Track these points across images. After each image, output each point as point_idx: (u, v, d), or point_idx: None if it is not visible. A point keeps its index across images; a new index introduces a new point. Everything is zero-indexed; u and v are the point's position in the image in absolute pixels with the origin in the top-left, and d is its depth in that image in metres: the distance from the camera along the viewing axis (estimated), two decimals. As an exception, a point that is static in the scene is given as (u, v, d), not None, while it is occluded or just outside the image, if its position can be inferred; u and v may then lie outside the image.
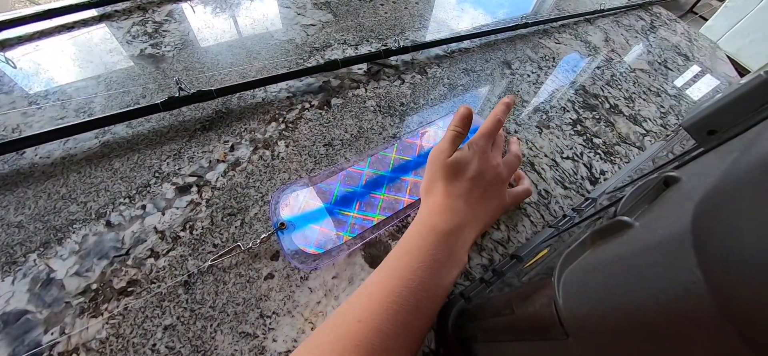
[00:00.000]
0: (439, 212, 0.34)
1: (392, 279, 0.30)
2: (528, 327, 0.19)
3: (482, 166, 0.37)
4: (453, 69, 0.57)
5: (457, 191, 0.35)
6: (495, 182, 0.37)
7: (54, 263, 0.33)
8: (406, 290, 0.29)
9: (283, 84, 0.49)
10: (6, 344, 0.29)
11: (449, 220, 0.33)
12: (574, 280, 0.15)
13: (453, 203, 0.35)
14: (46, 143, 0.40)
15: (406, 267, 0.30)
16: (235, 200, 0.38)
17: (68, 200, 0.37)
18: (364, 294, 0.30)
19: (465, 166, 0.36)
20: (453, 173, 0.36)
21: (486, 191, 0.36)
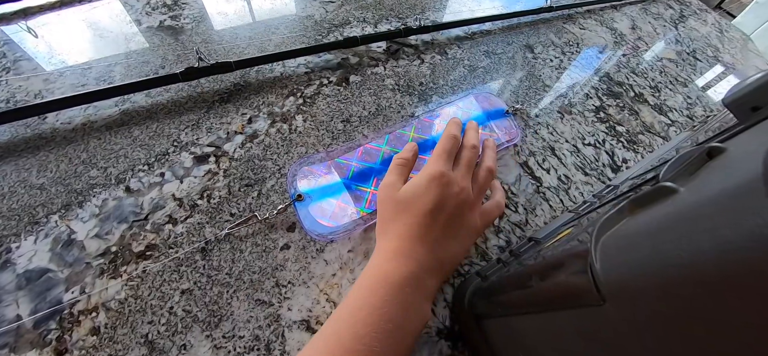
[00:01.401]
0: (391, 258, 0.28)
1: (336, 349, 0.24)
2: (555, 296, 0.19)
3: (441, 194, 0.30)
4: (473, 51, 0.56)
5: (411, 231, 0.29)
6: (460, 210, 0.30)
7: (75, 225, 0.34)
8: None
9: (302, 59, 0.48)
10: (29, 300, 0.30)
11: (404, 268, 0.27)
12: (614, 245, 0.14)
13: (408, 247, 0.28)
14: (67, 109, 0.40)
15: (350, 334, 0.24)
16: (253, 172, 0.38)
17: (89, 165, 0.37)
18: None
19: (419, 199, 0.30)
20: (405, 209, 0.30)
21: (449, 224, 0.30)
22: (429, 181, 0.30)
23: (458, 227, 0.30)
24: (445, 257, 0.30)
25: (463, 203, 0.31)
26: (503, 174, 0.43)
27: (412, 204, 0.30)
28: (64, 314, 0.30)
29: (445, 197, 0.30)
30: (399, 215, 0.30)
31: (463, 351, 0.33)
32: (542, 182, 0.44)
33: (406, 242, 0.29)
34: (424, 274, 0.28)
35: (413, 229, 0.29)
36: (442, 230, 0.29)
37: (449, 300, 0.34)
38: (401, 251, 0.28)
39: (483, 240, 0.38)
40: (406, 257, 0.28)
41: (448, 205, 0.30)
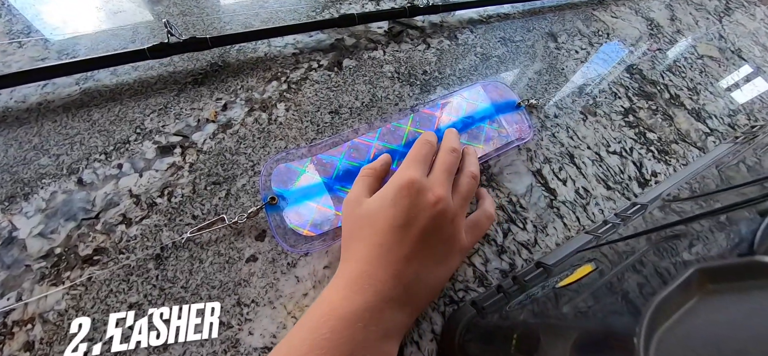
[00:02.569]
0: (343, 286, 0.24)
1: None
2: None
3: (411, 205, 0.25)
4: (488, 37, 0.50)
5: (372, 252, 0.24)
6: (437, 223, 0.26)
7: (18, 220, 0.30)
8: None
9: (290, 38, 0.44)
10: (-42, 305, 0.27)
11: (357, 299, 0.23)
12: (680, 346, 0.10)
13: (366, 272, 0.24)
14: (22, 85, 0.37)
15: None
16: (223, 167, 0.34)
17: (40, 151, 0.34)
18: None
19: (383, 212, 0.25)
20: (367, 225, 0.26)
21: (423, 241, 0.25)
22: (396, 190, 0.26)
23: (436, 245, 0.26)
24: (418, 283, 0.25)
25: (440, 214, 0.26)
26: (512, 183, 0.39)
27: (376, 219, 0.25)
28: (-4, 323, 0.27)
29: (417, 209, 0.25)
30: (360, 233, 0.26)
31: (450, 392, 0.29)
32: (557, 195, 0.39)
33: (365, 266, 0.24)
34: (385, 305, 0.23)
35: (374, 250, 0.25)
36: (413, 250, 0.25)
37: (438, 332, 0.30)
38: (357, 278, 0.24)
39: (483, 262, 0.34)
40: (363, 285, 0.23)
41: (420, 218, 0.25)
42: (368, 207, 0.27)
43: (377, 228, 0.25)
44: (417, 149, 0.29)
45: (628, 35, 0.59)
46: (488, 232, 0.35)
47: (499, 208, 0.37)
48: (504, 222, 0.36)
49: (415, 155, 0.29)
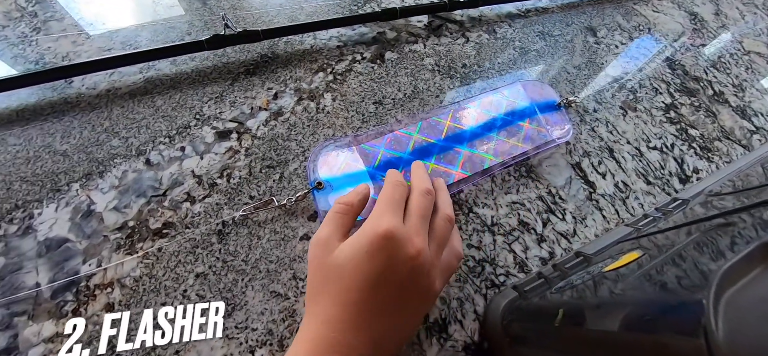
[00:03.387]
0: (312, 349, 0.22)
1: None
2: (634, 351, 0.16)
3: (389, 261, 0.23)
4: (527, 31, 0.52)
5: (344, 312, 0.23)
6: (415, 278, 0.24)
7: (95, 195, 0.34)
8: None
9: (334, 31, 0.46)
10: (48, 268, 0.31)
11: (354, 350, 0.22)
12: (749, 309, 0.12)
13: (339, 338, 0.23)
14: (92, 73, 0.40)
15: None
16: (275, 152, 0.37)
17: (111, 134, 0.37)
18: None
19: (357, 267, 0.24)
20: (338, 278, 0.24)
21: (398, 296, 0.24)
22: (372, 241, 0.23)
23: (410, 299, 0.25)
24: (389, 340, 0.24)
25: (419, 268, 0.24)
26: (551, 175, 0.40)
27: (348, 275, 0.24)
28: (81, 286, 0.31)
29: (396, 264, 0.23)
30: (329, 287, 0.24)
31: (491, 370, 0.31)
32: (596, 188, 0.41)
33: (333, 331, 0.23)
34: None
35: (345, 312, 0.23)
36: (388, 306, 0.24)
37: (480, 312, 0.32)
38: (324, 344, 0.22)
39: (523, 249, 0.36)
40: (333, 348, 0.22)
41: (397, 273, 0.23)
42: (339, 257, 0.24)
43: (348, 284, 0.23)
44: (389, 192, 0.27)
45: (671, 30, 0.59)
46: (527, 221, 0.37)
47: (539, 198, 0.39)
48: (543, 212, 0.38)
49: (390, 199, 0.26)
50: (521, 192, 0.39)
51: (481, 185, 0.38)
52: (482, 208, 0.37)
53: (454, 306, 0.32)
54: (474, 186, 0.38)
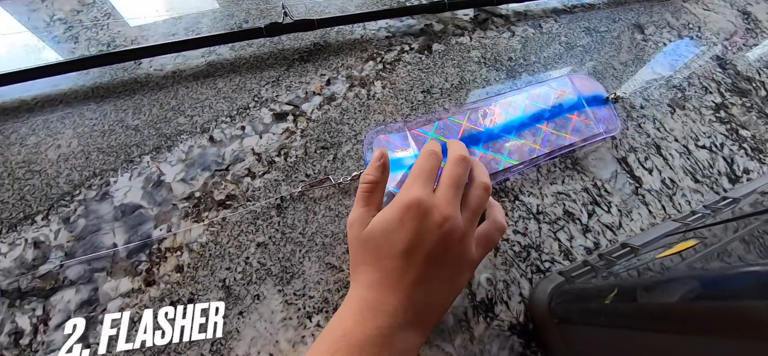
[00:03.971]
0: (355, 311, 0.25)
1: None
2: (704, 319, 0.17)
3: (418, 228, 0.25)
4: (572, 26, 0.53)
5: (381, 278, 0.25)
6: (445, 245, 0.25)
7: (164, 167, 0.37)
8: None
9: (383, 23, 0.49)
10: (123, 231, 0.34)
11: (369, 325, 0.24)
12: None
13: (376, 299, 0.25)
14: (159, 56, 0.44)
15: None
16: (329, 134, 0.40)
17: (177, 112, 0.41)
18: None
19: (389, 237, 0.25)
20: (373, 250, 0.26)
21: (431, 263, 0.25)
22: (402, 213, 0.25)
23: (443, 266, 0.25)
24: (428, 305, 0.25)
25: (448, 235, 0.25)
26: (597, 168, 0.41)
27: (382, 245, 0.26)
28: (153, 248, 0.34)
29: (424, 232, 0.25)
30: (367, 257, 0.26)
31: (536, 351, 0.32)
32: (642, 182, 0.41)
33: (374, 293, 0.25)
34: (396, 330, 0.24)
35: (383, 276, 0.25)
36: (422, 272, 0.25)
37: (526, 295, 0.34)
38: (368, 304, 0.25)
39: (568, 238, 0.37)
40: (374, 311, 0.24)
41: (427, 240, 0.25)
42: (374, 229, 0.26)
43: (384, 253, 0.25)
44: (421, 163, 0.28)
45: (721, 29, 0.58)
46: (572, 211, 0.38)
47: (584, 190, 0.40)
48: (588, 204, 0.39)
49: (420, 171, 0.27)
50: (566, 183, 0.40)
51: (527, 174, 0.39)
52: (528, 196, 0.38)
53: (501, 288, 0.34)
54: (520, 175, 0.39)
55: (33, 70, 0.41)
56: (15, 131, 0.39)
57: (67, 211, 0.35)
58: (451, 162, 0.28)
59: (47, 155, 0.38)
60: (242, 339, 0.31)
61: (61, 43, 0.46)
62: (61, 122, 0.40)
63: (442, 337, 0.32)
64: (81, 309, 0.32)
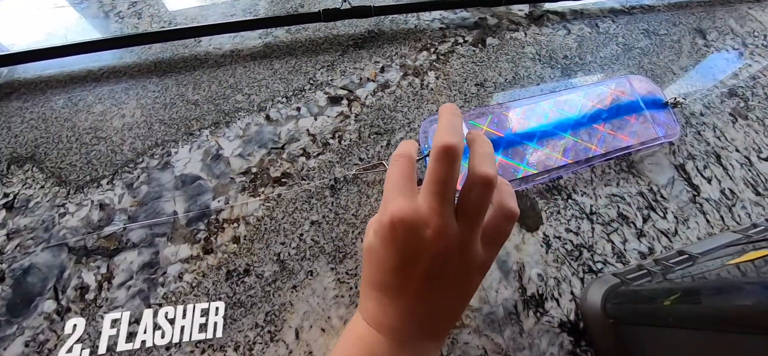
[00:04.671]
0: (370, 324, 0.24)
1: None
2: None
3: (405, 249, 0.22)
4: (631, 27, 0.52)
5: (383, 294, 0.24)
6: (443, 259, 0.22)
7: (222, 141, 0.39)
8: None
9: (437, 14, 0.49)
10: (183, 200, 0.36)
11: (383, 339, 0.23)
12: None
13: (385, 312, 0.24)
14: (217, 35, 0.46)
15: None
16: (383, 121, 0.40)
17: (235, 90, 0.42)
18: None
19: (379, 254, 0.23)
20: (369, 262, 0.25)
21: (431, 280, 0.23)
22: (382, 232, 0.23)
23: (446, 278, 0.23)
24: (434, 317, 0.24)
25: (443, 250, 0.22)
26: (653, 173, 0.40)
27: (375, 260, 0.24)
28: (211, 219, 0.35)
29: (413, 252, 0.22)
30: (367, 271, 0.25)
31: (586, 350, 0.32)
32: (700, 191, 0.40)
33: (377, 305, 0.24)
34: (405, 345, 0.23)
35: (381, 291, 0.24)
36: (421, 289, 0.23)
37: (577, 294, 0.34)
38: (377, 317, 0.24)
39: (622, 241, 0.37)
40: (380, 325, 0.24)
41: (420, 260, 0.22)
42: (367, 246, 0.25)
43: (378, 268, 0.24)
44: (390, 171, 0.25)
45: (790, 39, 0.56)
46: (627, 215, 0.38)
47: (639, 194, 0.39)
48: (644, 208, 0.39)
49: (391, 181, 0.24)
50: (621, 186, 0.39)
51: (580, 174, 0.39)
52: (581, 196, 0.38)
53: (552, 285, 0.34)
54: (573, 174, 0.39)
55: (100, 41, 0.43)
56: (82, 99, 0.42)
57: (130, 177, 0.37)
58: (432, 157, 0.22)
59: (112, 123, 0.40)
60: (295, 312, 0.32)
61: (125, 19, 0.49)
62: (125, 92, 0.42)
63: (491, 328, 0.32)
64: (142, 270, 0.34)
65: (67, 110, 0.41)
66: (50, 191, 0.37)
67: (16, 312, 0.32)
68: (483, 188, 0.22)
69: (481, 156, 0.23)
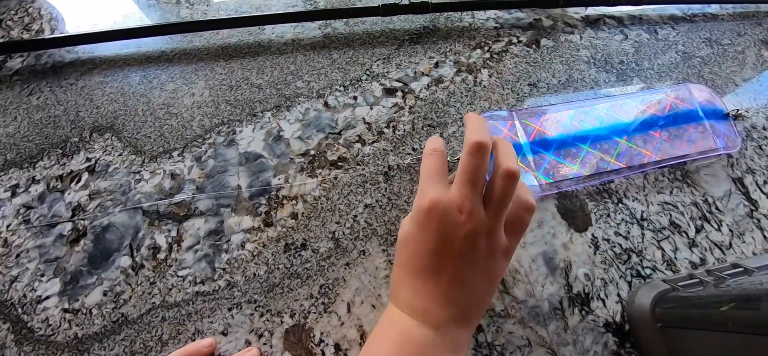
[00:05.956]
0: (407, 312, 0.27)
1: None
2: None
3: (441, 229, 0.26)
4: (691, 36, 0.52)
5: (420, 280, 0.27)
6: (472, 241, 0.26)
7: (283, 124, 0.42)
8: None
9: (492, 13, 0.51)
10: (246, 175, 0.40)
11: (421, 327, 0.25)
12: None
13: (421, 298, 0.26)
14: (279, 24, 0.49)
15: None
16: (436, 114, 0.43)
17: (296, 76, 0.46)
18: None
19: (415, 239, 0.27)
20: (405, 249, 0.28)
21: (463, 262, 0.26)
22: (422, 218, 0.26)
23: (476, 260, 0.26)
24: (468, 301, 0.26)
25: (472, 232, 0.25)
26: (709, 184, 0.41)
27: (411, 246, 0.27)
28: (272, 194, 0.39)
29: (448, 231, 0.26)
30: (401, 259, 0.28)
31: (631, 352, 0.33)
32: (758, 206, 0.40)
33: (413, 292, 0.27)
34: (445, 329, 0.26)
35: (418, 275, 0.27)
36: (456, 270, 0.26)
37: (624, 297, 0.35)
38: (414, 305, 0.26)
39: (673, 249, 0.37)
40: (420, 312, 0.26)
41: (454, 239, 0.26)
42: (402, 234, 0.28)
43: (414, 254, 0.27)
44: (424, 165, 0.29)
45: None
46: (679, 223, 0.38)
47: (693, 204, 0.40)
48: (697, 219, 0.39)
49: (427, 172, 0.28)
50: (675, 194, 0.40)
51: (632, 179, 0.40)
52: (632, 201, 0.39)
53: (598, 285, 0.35)
54: (625, 179, 0.40)
55: (172, 25, 0.48)
56: (156, 77, 0.46)
57: (198, 151, 0.41)
58: (464, 151, 0.27)
59: (183, 101, 0.44)
60: (347, 288, 0.35)
61: (195, 6, 0.53)
62: (194, 73, 0.46)
63: (536, 320, 0.34)
64: (208, 236, 0.37)
65: (143, 87, 0.46)
66: (127, 158, 0.41)
67: (96, 264, 0.37)
68: (507, 181, 0.26)
69: (505, 154, 0.27)
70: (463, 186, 0.26)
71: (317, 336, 0.33)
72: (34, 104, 0.45)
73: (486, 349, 0.33)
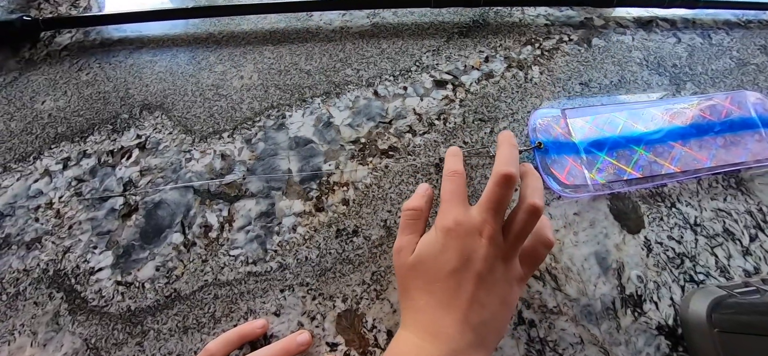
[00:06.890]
0: (416, 338, 0.27)
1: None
2: None
3: (463, 248, 0.27)
4: (746, 42, 0.52)
5: (434, 300, 0.27)
6: (491, 263, 0.27)
7: (333, 110, 0.43)
8: None
9: (542, 10, 0.51)
10: (297, 160, 0.41)
11: (433, 351, 0.25)
12: None
13: (437, 321, 0.26)
14: (327, 12, 0.50)
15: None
16: (486, 109, 0.43)
17: (345, 64, 0.47)
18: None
19: (436, 259, 0.27)
20: (423, 274, 0.28)
21: (481, 284, 0.26)
22: (443, 236, 0.28)
23: (493, 284, 0.27)
24: (485, 324, 0.26)
25: (492, 256, 0.27)
26: (764, 194, 0.41)
27: (431, 267, 0.28)
28: (323, 180, 0.40)
29: (469, 251, 0.27)
30: (417, 283, 0.28)
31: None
32: (814, 218, 0.40)
33: (431, 316, 0.27)
34: (462, 352, 0.25)
35: (435, 298, 0.27)
36: (474, 291, 0.26)
37: (677, 301, 0.35)
38: (427, 329, 0.27)
39: (726, 256, 0.38)
40: (434, 335, 0.26)
41: (473, 260, 0.27)
42: (420, 254, 0.28)
43: (433, 275, 0.27)
44: (446, 187, 0.30)
45: None
46: (733, 231, 0.39)
47: (747, 213, 0.40)
48: (751, 227, 0.39)
49: (449, 194, 0.30)
50: (729, 202, 0.40)
51: (686, 184, 0.40)
52: (685, 206, 0.39)
53: (651, 288, 0.36)
54: (678, 183, 0.40)
55: (221, 7, 0.49)
56: (205, 58, 0.48)
57: (248, 133, 0.42)
58: (491, 180, 0.28)
59: (232, 83, 0.46)
60: (399, 276, 0.36)
61: (242, -12, 0.54)
62: (243, 56, 0.48)
63: (588, 319, 0.34)
64: (260, 218, 0.38)
65: (192, 67, 0.47)
66: (177, 137, 0.43)
67: (148, 240, 0.38)
68: (530, 215, 0.27)
69: (533, 189, 0.28)
70: (485, 212, 0.28)
71: (369, 322, 0.34)
72: (83, 80, 0.47)
73: (538, 344, 0.33)
